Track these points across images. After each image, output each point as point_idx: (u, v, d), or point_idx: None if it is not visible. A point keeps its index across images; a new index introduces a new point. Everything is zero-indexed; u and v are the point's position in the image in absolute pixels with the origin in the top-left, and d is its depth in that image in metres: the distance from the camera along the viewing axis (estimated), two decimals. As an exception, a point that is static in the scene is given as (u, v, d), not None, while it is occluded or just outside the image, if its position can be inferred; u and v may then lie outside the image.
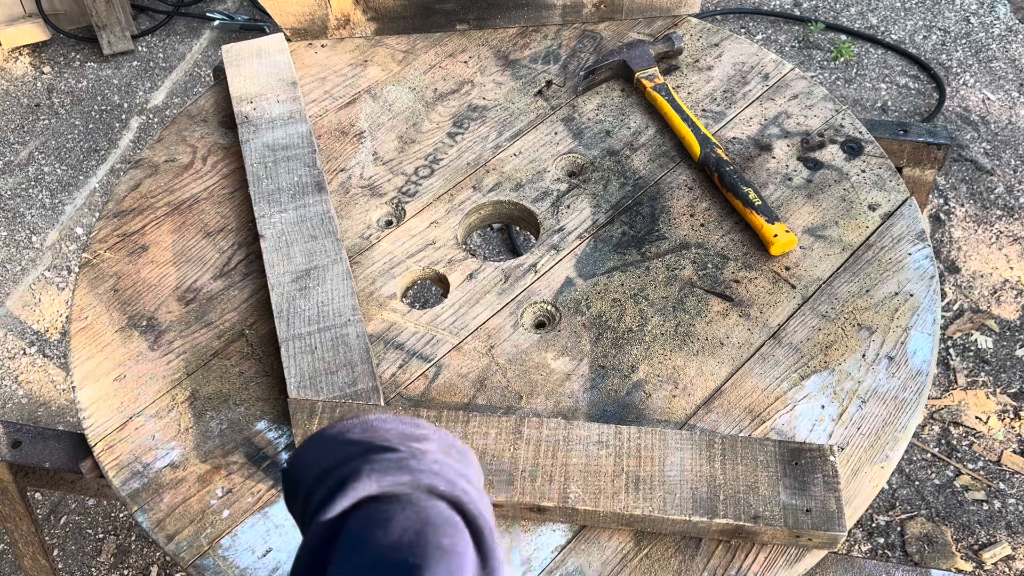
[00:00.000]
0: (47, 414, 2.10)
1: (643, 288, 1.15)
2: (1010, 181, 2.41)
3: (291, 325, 1.09)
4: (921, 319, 1.10)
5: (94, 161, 2.62)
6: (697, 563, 0.93)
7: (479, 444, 0.96)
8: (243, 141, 1.31)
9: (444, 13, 1.48)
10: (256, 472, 1.00)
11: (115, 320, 1.15)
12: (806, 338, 1.09)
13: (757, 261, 1.17)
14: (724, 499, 0.92)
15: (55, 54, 2.92)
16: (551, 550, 0.94)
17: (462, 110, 1.38)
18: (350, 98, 1.41)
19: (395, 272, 1.19)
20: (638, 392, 1.05)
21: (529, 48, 1.47)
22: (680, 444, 0.96)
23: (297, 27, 1.48)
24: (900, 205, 1.22)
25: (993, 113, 2.57)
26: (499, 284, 1.17)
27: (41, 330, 2.25)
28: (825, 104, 1.35)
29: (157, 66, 2.88)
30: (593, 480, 0.94)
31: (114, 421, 1.06)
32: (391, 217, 1.26)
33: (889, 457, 1.00)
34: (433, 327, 1.13)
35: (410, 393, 1.07)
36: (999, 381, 2.04)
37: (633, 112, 1.36)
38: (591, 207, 1.24)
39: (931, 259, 1.16)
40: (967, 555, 1.81)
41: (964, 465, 1.92)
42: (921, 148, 1.41)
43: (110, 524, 1.94)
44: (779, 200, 1.23)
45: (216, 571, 0.94)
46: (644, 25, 1.49)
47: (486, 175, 1.29)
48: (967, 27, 2.81)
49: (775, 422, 1.02)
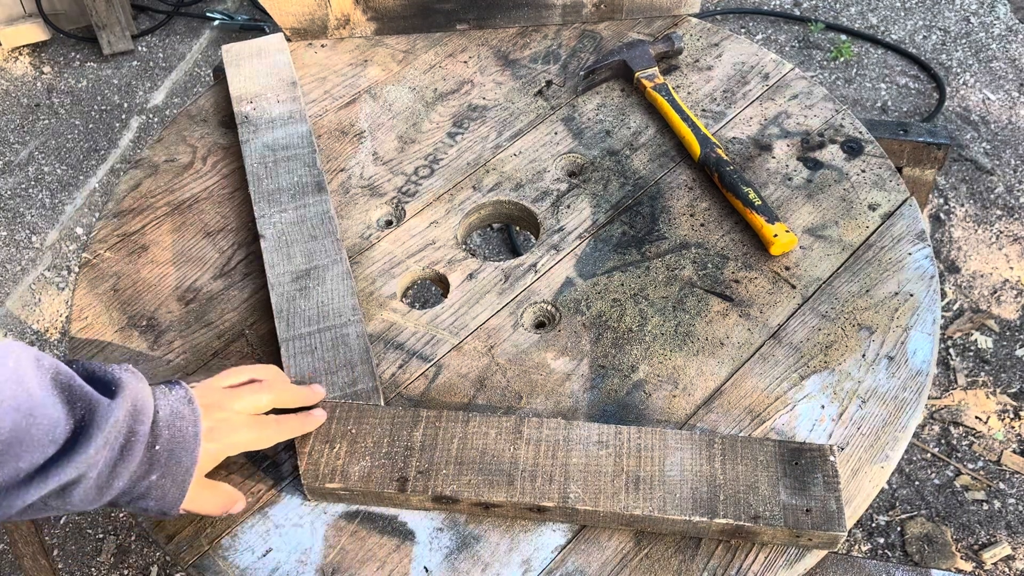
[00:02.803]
0: (47, 414, 2.09)
1: (643, 288, 1.15)
2: (1010, 181, 2.41)
3: (291, 325, 1.09)
4: (921, 319, 1.10)
5: (94, 161, 2.62)
6: (697, 563, 0.93)
7: (479, 444, 0.97)
8: (243, 141, 1.31)
9: (444, 13, 1.48)
10: (256, 472, 1.00)
11: (115, 320, 1.15)
12: (806, 338, 1.09)
13: (757, 261, 1.17)
14: (724, 499, 0.92)
15: (55, 54, 2.92)
16: (551, 550, 0.94)
17: (462, 110, 1.38)
18: (350, 98, 1.41)
19: (395, 272, 1.19)
20: (638, 392, 1.05)
21: (529, 48, 1.47)
22: (680, 444, 0.96)
23: (297, 27, 1.48)
24: (900, 205, 1.22)
25: (993, 113, 2.57)
26: (499, 284, 1.17)
27: (41, 330, 2.25)
28: (825, 104, 1.35)
29: (157, 66, 2.88)
30: (593, 480, 0.94)
31: (114, 421, 1.06)
32: (391, 217, 1.26)
33: (889, 457, 1.00)
34: (433, 327, 1.13)
35: (410, 393, 1.07)
36: (999, 381, 2.04)
37: (633, 112, 1.36)
38: (591, 207, 1.24)
39: (931, 259, 1.16)
40: (967, 555, 1.81)
41: (964, 465, 1.92)
42: (921, 148, 1.41)
43: (110, 524, 1.94)
44: (779, 200, 1.23)
45: (216, 571, 0.94)
46: (644, 25, 1.49)
47: (486, 175, 1.29)
48: (967, 27, 2.81)
49: (775, 422, 1.02)
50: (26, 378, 0.71)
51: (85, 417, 0.73)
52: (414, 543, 0.95)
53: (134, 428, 0.76)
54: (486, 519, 0.96)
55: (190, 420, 0.82)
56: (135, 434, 0.77)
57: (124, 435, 0.76)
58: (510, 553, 0.94)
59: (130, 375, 0.80)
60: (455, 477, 0.94)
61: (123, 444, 0.76)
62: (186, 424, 0.82)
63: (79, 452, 0.72)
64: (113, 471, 0.76)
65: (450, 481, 0.94)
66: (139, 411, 0.78)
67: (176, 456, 0.80)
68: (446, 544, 0.95)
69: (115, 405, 0.75)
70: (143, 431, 0.77)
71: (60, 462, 0.71)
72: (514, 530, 0.95)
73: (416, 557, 0.94)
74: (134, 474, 0.77)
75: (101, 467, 0.74)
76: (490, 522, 0.96)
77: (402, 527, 0.96)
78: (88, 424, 0.73)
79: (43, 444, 0.70)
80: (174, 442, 0.80)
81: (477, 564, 0.93)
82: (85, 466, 0.73)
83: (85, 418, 0.73)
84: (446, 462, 0.95)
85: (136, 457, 0.77)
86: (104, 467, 0.75)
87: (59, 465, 0.71)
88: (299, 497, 0.98)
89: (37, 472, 0.70)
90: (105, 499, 0.77)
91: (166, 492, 0.81)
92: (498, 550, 0.94)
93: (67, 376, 0.74)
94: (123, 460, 0.76)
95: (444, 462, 0.95)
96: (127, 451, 0.76)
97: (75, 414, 0.73)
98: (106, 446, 0.74)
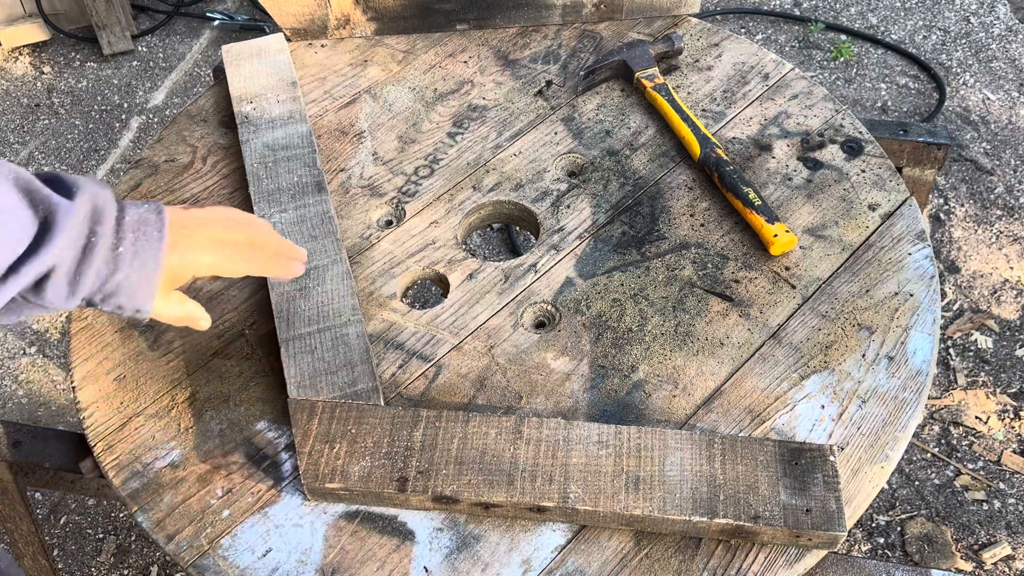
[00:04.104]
0: (47, 414, 2.10)
1: (643, 288, 1.15)
2: (1010, 181, 2.41)
3: (291, 325, 1.09)
4: (921, 319, 1.10)
5: (94, 161, 2.62)
6: (697, 563, 0.93)
7: (479, 444, 0.97)
8: (243, 141, 1.31)
9: (444, 13, 1.48)
10: (256, 472, 1.01)
11: (115, 320, 1.15)
12: (806, 338, 1.09)
13: (757, 261, 1.17)
14: (724, 499, 0.92)
15: (55, 54, 2.92)
16: (551, 550, 0.94)
17: (462, 110, 1.38)
18: (350, 98, 1.41)
19: (395, 272, 1.19)
20: (638, 392, 1.05)
21: (529, 48, 1.47)
22: (680, 444, 0.96)
23: (297, 27, 1.48)
24: (900, 205, 1.22)
25: (993, 113, 2.57)
26: (499, 284, 1.17)
27: (41, 330, 2.25)
28: (825, 104, 1.35)
29: (157, 66, 2.88)
30: (593, 480, 0.94)
31: (114, 421, 1.06)
32: (391, 217, 1.26)
33: (889, 457, 1.00)
34: (433, 327, 1.13)
35: (410, 393, 1.07)
36: (999, 381, 2.04)
37: (633, 112, 1.36)
38: (591, 207, 1.24)
39: (931, 259, 1.16)
40: (967, 555, 1.81)
41: (964, 465, 1.92)
42: (921, 148, 1.41)
43: (110, 524, 1.94)
44: (779, 200, 1.23)
45: (216, 571, 0.94)
46: (644, 25, 1.49)
47: (486, 175, 1.29)
48: (967, 27, 2.81)
49: (775, 422, 1.02)
50: None
51: (47, 218, 0.80)
52: (414, 543, 0.95)
53: (94, 229, 0.83)
54: (486, 519, 0.96)
55: (155, 226, 0.88)
56: (95, 234, 0.83)
57: (85, 235, 0.82)
58: (510, 553, 0.94)
59: (92, 183, 0.86)
60: (455, 477, 0.94)
61: (84, 244, 0.82)
62: (151, 230, 0.88)
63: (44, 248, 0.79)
64: (79, 268, 0.82)
65: (450, 481, 0.94)
66: (99, 212, 0.84)
67: (141, 257, 0.86)
68: (446, 544, 0.95)
69: (74, 206, 0.81)
70: (104, 231, 0.84)
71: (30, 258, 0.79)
72: (514, 530, 0.95)
73: (416, 557, 0.94)
74: (99, 272, 0.84)
75: (68, 263, 0.81)
76: (490, 522, 0.96)
77: (402, 527, 0.96)
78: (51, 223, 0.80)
79: (12, 243, 0.77)
80: (138, 244, 0.86)
81: (477, 564, 0.93)
82: (53, 261, 0.80)
83: (47, 219, 0.80)
84: (446, 462, 0.95)
85: (99, 255, 0.83)
86: (71, 263, 0.82)
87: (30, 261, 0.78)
88: (299, 497, 0.98)
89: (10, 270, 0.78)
90: (79, 296, 0.84)
91: (135, 291, 0.87)
92: (498, 550, 0.94)
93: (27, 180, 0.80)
94: (86, 259, 0.82)
95: (444, 462, 0.95)
96: (89, 250, 0.83)
97: (38, 215, 0.80)
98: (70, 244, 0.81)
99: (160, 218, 0.89)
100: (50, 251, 0.79)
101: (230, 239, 0.95)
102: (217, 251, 0.94)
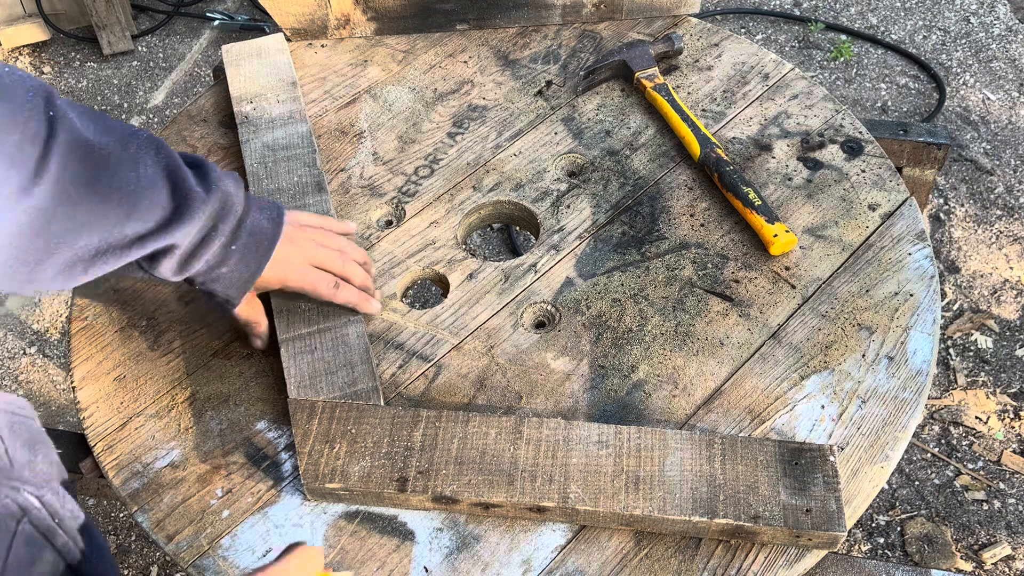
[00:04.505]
0: (47, 414, 2.10)
1: (643, 288, 1.15)
2: (1010, 181, 2.41)
3: (291, 325, 1.09)
4: (921, 319, 1.10)
5: (94, 161, 2.62)
6: (697, 563, 0.93)
7: (479, 444, 0.97)
8: (243, 141, 1.31)
9: (444, 13, 1.48)
10: (256, 472, 1.01)
11: (115, 320, 1.15)
12: (806, 338, 1.09)
13: (757, 261, 1.17)
14: (724, 499, 0.92)
15: (55, 54, 2.92)
16: (551, 550, 0.94)
17: (462, 110, 1.38)
18: (350, 98, 1.41)
19: (395, 272, 1.19)
20: (638, 392, 1.05)
21: (529, 48, 1.47)
22: (680, 444, 0.96)
23: (297, 27, 1.48)
24: (900, 205, 1.22)
25: (993, 113, 2.57)
26: (499, 284, 1.17)
27: (41, 330, 2.25)
28: (825, 104, 1.35)
29: (157, 66, 2.88)
30: (593, 480, 0.94)
31: (114, 421, 1.06)
32: (391, 217, 1.26)
33: (889, 457, 1.00)
34: (433, 327, 1.13)
35: (410, 393, 1.07)
36: (999, 381, 2.04)
37: (633, 112, 1.36)
38: (591, 207, 1.24)
39: (931, 259, 1.16)
40: (967, 555, 1.81)
41: (964, 465, 1.92)
42: (921, 148, 1.41)
43: (110, 524, 1.94)
44: (779, 200, 1.23)
45: (216, 571, 0.94)
46: (644, 25, 1.49)
47: (486, 175, 1.29)
48: (967, 27, 2.81)
49: (775, 422, 1.02)
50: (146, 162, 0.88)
51: (181, 205, 0.89)
52: (414, 543, 0.95)
53: (217, 224, 0.93)
54: (486, 519, 0.96)
55: (269, 237, 0.98)
56: (216, 229, 0.93)
57: (208, 227, 0.92)
58: (510, 553, 0.94)
59: (229, 179, 0.96)
60: (455, 477, 0.94)
61: (205, 234, 0.92)
62: (264, 239, 0.98)
63: (172, 229, 0.88)
64: (194, 252, 0.92)
65: (450, 481, 0.94)
66: (227, 211, 0.94)
67: (247, 259, 0.97)
68: (446, 544, 0.95)
69: (208, 199, 0.91)
70: (225, 228, 0.94)
71: (158, 235, 0.88)
72: (514, 530, 0.95)
73: (416, 557, 0.94)
74: (209, 261, 0.94)
75: (187, 247, 0.91)
76: (490, 522, 0.96)
77: (402, 527, 0.96)
78: (184, 210, 0.89)
79: (147, 219, 0.87)
80: (249, 247, 0.96)
81: (477, 564, 0.93)
82: (175, 241, 0.90)
83: (181, 206, 0.89)
84: (446, 462, 0.95)
85: (214, 247, 0.93)
86: (189, 247, 0.92)
87: (157, 237, 0.88)
88: (299, 497, 0.98)
89: (137, 239, 0.87)
90: (184, 275, 0.94)
91: (232, 285, 0.97)
92: (498, 550, 0.94)
93: (175, 167, 0.90)
94: (203, 246, 0.93)
95: (444, 462, 0.95)
96: (208, 240, 0.93)
97: (175, 200, 0.89)
98: (194, 231, 0.91)
99: (276, 229, 0.98)
100: (176, 233, 0.89)
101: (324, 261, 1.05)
102: (311, 275, 1.04)
